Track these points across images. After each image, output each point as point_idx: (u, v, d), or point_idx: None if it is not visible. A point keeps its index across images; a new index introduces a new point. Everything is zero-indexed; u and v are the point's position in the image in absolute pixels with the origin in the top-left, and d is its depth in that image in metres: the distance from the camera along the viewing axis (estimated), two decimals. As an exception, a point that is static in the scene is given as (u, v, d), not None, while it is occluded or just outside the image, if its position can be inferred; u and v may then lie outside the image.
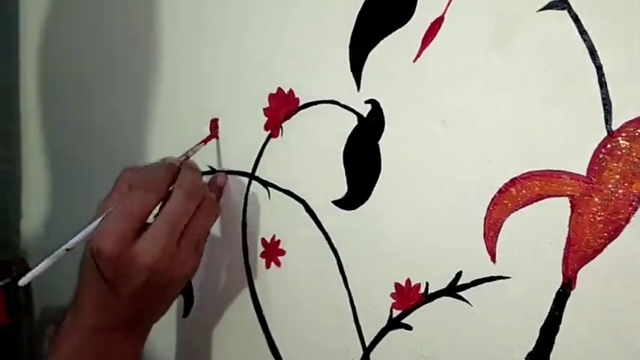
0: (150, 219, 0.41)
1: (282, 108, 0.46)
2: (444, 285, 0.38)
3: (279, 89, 0.46)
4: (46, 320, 0.70)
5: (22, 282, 0.38)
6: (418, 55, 0.38)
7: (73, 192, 0.70)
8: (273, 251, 0.48)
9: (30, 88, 0.71)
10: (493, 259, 0.36)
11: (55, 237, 0.71)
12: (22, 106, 0.72)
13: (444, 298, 0.38)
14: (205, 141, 0.49)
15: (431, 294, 0.39)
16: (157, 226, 0.40)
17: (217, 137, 0.50)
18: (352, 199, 0.42)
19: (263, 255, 0.48)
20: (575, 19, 0.32)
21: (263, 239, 0.48)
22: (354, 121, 0.42)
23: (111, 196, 0.43)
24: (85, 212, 0.66)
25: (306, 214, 0.45)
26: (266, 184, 0.48)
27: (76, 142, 0.66)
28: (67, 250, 0.40)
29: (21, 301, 0.62)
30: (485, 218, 0.36)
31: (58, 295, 0.69)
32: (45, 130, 0.71)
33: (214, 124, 0.50)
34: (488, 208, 0.36)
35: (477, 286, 0.37)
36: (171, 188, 0.42)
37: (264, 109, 0.47)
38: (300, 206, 0.45)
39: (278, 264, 0.47)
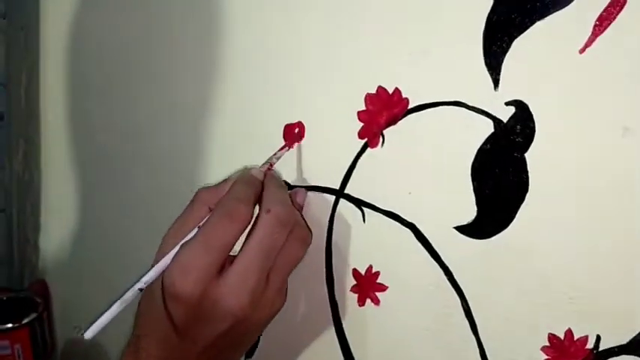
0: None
1: (383, 111, 0.37)
2: (623, 340, 0.30)
3: (380, 88, 0.37)
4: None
5: (88, 335, 0.31)
6: (588, 44, 0.30)
7: (98, 204, 0.61)
8: (369, 285, 0.39)
9: (50, 90, 0.62)
10: (702, 310, 0.27)
11: (76, 254, 0.63)
12: (42, 111, 0.63)
13: (624, 357, 0.30)
14: (289, 145, 0.40)
15: (603, 351, 0.30)
16: (246, 261, 0.33)
17: (301, 140, 0.41)
18: (485, 225, 0.34)
19: (355, 289, 0.40)
20: None
21: (355, 270, 0.40)
22: (488, 128, 0.33)
23: (185, 220, 0.36)
24: (112, 226, 0.58)
25: (417, 242, 0.37)
26: (360, 203, 0.39)
27: (103, 149, 0.58)
28: (140, 290, 0.33)
29: (47, 341, 0.53)
30: (690, 256, 0.27)
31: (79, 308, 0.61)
32: (67, 136, 0.62)
33: (298, 126, 0.41)
34: (696, 243, 0.27)
35: (677, 345, 0.28)
36: (256, 209, 0.34)
37: (359, 113, 0.38)
38: (408, 232, 0.37)
39: (376, 301, 0.39)
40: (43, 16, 0.64)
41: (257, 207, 0.35)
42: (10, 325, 0.50)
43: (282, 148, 0.40)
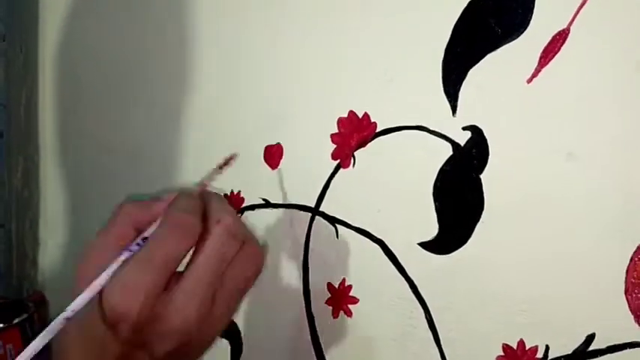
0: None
1: (354, 134, 0.40)
2: (568, 349, 0.32)
3: (351, 112, 0.39)
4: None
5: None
6: (535, 75, 0.32)
7: (95, 219, 0.63)
8: (342, 298, 0.41)
9: (49, 109, 0.65)
10: (638, 320, 0.29)
11: (74, 268, 0.65)
12: (40, 130, 0.66)
13: (570, 366, 0.32)
14: (221, 166, 0.40)
15: (552, 359, 0.32)
16: (193, 279, 0.30)
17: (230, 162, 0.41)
18: (445, 242, 0.36)
19: (329, 302, 0.42)
20: None
21: (329, 284, 0.42)
22: (447, 151, 0.36)
23: (107, 238, 0.33)
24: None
25: (385, 257, 0.39)
26: (333, 220, 0.41)
27: (97, 166, 0.60)
28: (67, 319, 0.29)
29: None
30: (627, 271, 0.30)
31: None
32: (64, 154, 0.65)
33: (275, 147, 0.43)
34: (631, 259, 0.30)
35: (616, 353, 0.30)
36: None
37: (332, 135, 0.41)
38: (377, 248, 0.39)
39: (349, 314, 0.41)
40: (41, 38, 0.66)
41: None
42: (1, 326, 0.52)
43: (214, 169, 0.39)
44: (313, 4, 0.41)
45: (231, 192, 0.47)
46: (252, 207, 0.46)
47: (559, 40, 0.31)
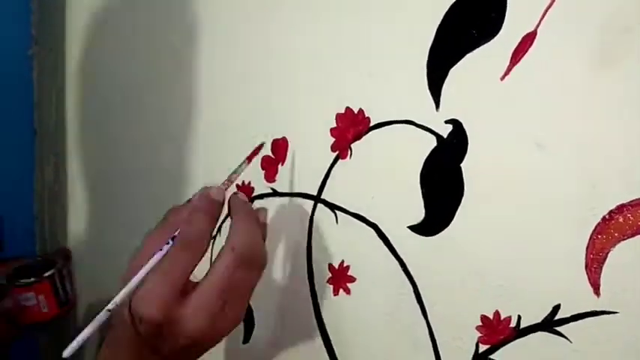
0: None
1: (350, 128, 0.44)
2: (538, 319, 0.35)
3: (348, 109, 0.44)
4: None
5: (66, 353, 0.35)
6: (507, 73, 0.36)
7: (119, 210, 0.68)
8: (341, 277, 0.45)
9: (76, 110, 0.70)
10: (597, 292, 0.33)
11: (101, 256, 0.70)
12: (68, 128, 0.71)
13: (539, 334, 0.35)
14: (250, 158, 0.46)
15: (523, 328, 0.36)
16: (206, 291, 0.37)
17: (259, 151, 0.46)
18: (431, 225, 0.40)
19: (330, 281, 0.46)
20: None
21: (330, 265, 0.46)
22: (432, 142, 0.39)
23: (157, 235, 0.41)
24: (129, 228, 0.65)
25: (379, 240, 0.43)
26: (333, 207, 0.45)
27: (120, 162, 0.65)
28: (109, 310, 0.37)
29: (68, 293, 0.61)
30: (587, 248, 0.33)
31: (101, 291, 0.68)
32: (90, 150, 0.70)
33: (282, 141, 0.48)
34: (590, 237, 0.33)
35: (578, 322, 0.34)
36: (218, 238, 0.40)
37: (331, 130, 0.45)
38: (372, 231, 0.43)
39: (347, 291, 0.45)
40: (68, 42, 0.72)
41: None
42: (33, 279, 0.58)
43: (241, 164, 0.45)
44: (314, 7, 0.45)
45: (243, 182, 0.52)
46: (262, 196, 0.51)
47: (527, 41, 0.35)
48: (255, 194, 0.51)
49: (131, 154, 0.63)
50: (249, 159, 0.46)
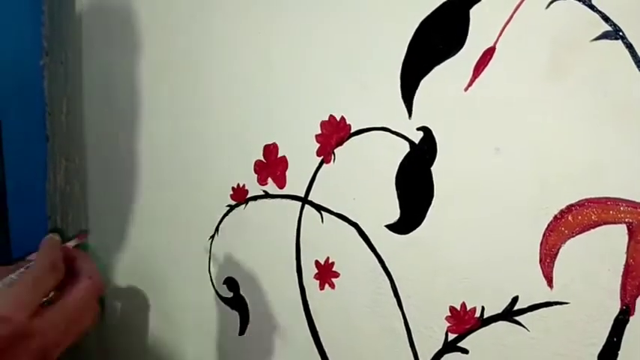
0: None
1: (333, 134, 0.47)
2: (499, 309, 0.39)
3: (331, 116, 0.47)
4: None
5: None
6: (470, 84, 0.39)
7: (134, 211, 0.72)
8: (327, 273, 0.49)
9: (92, 117, 0.74)
10: (550, 284, 0.36)
11: (115, 255, 0.74)
12: (85, 134, 0.75)
13: (500, 323, 0.39)
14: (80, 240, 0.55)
15: (486, 318, 0.39)
16: (61, 309, 0.43)
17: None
18: (405, 224, 0.43)
19: (317, 277, 0.50)
20: (630, 48, 0.32)
21: (317, 261, 0.49)
22: (405, 148, 0.43)
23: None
24: (144, 230, 0.69)
25: (359, 238, 0.46)
26: (319, 207, 0.49)
27: (136, 164, 0.69)
28: None
29: None
30: (541, 244, 0.36)
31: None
32: (105, 156, 0.74)
33: (272, 147, 0.51)
34: (544, 234, 0.36)
35: (534, 312, 0.37)
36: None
37: (316, 136, 0.48)
38: (353, 230, 0.47)
39: (332, 286, 0.49)
40: (80, 53, 0.76)
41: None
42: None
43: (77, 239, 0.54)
44: (304, 22, 0.48)
45: (238, 185, 0.55)
46: (255, 198, 0.54)
47: (487, 55, 0.38)
48: (249, 196, 0.55)
49: (147, 159, 0.66)
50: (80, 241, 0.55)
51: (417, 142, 0.42)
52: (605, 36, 0.33)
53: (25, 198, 0.80)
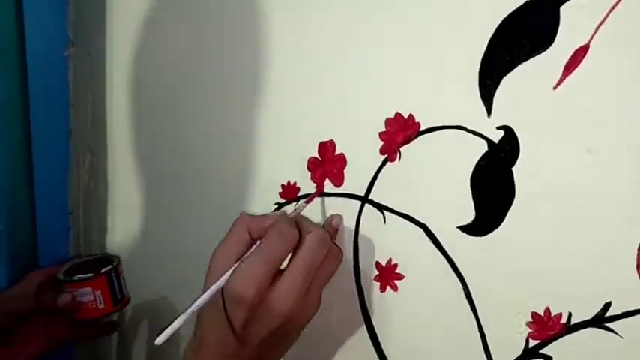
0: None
1: (400, 132, 0.46)
2: (588, 316, 0.38)
3: (398, 114, 0.46)
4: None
5: (159, 341, 0.38)
6: (559, 83, 0.38)
7: (159, 209, 0.70)
8: (389, 275, 0.48)
9: (118, 111, 0.72)
10: (647, 290, 0.35)
11: (139, 252, 0.72)
12: (108, 128, 0.73)
13: (589, 330, 0.38)
14: (308, 200, 0.50)
15: (573, 325, 0.38)
16: (293, 273, 0.41)
17: (321, 193, 0.50)
18: (482, 225, 0.42)
19: (377, 278, 0.48)
20: None
21: (377, 262, 0.48)
22: (483, 147, 0.41)
23: (229, 242, 0.45)
24: (172, 229, 0.67)
25: (427, 239, 0.45)
26: (381, 207, 0.47)
27: (166, 160, 0.67)
28: (199, 306, 0.41)
29: (123, 290, 0.63)
30: (638, 248, 0.35)
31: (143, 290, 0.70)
32: (131, 150, 0.72)
33: (330, 145, 0.50)
34: (642, 239, 0.35)
35: (629, 318, 0.36)
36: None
37: (380, 134, 0.47)
38: (420, 231, 0.45)
39: (395, 288, 0.47)
40: (109, 43, 0.73)
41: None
42: (91, 274, 0.59)
43: (306, 201, 0.50)
44: (369, 16, 0.47)
45: (288, 182, 0.54)
46: (307, 196, 0.53)
47: (580, 54, 0.37)
48: (300, 194, 0.53)
49: (175, 155, 0.64)
50: (306, 202, 0.50)
51: (496, 141, 0.41)
52: None
53: (46, 193, 0.78)
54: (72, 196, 0.80)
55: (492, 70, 0.41)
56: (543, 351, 0.39)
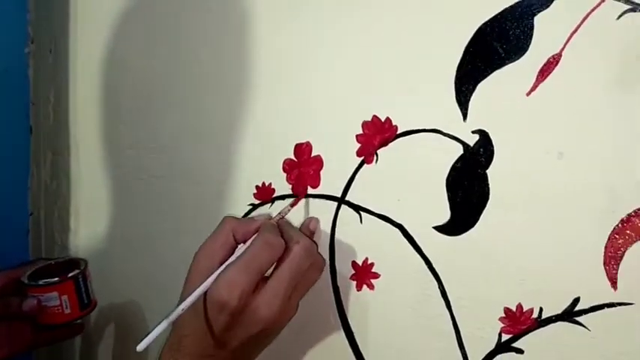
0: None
1: (377, 135, 0.47)
2: (558, 310, 0.40)
3: (375, 117, 0.47)
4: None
5: (140, 347, 0.38)
6: (533, 89, 0.40)
7: (124, 209, 0.69)
8: (365, 274, 0.49)
9: (81, 109, 0.70)
10: (614, 285, 0.37)
11: (103, 253, 0.70)
12: (71, 126, 0.71)
13: (559, 324, 0.40)
14: (293, 204, 0.50)
15: (544, 319, 0.40)
16: (278, 281, 0.42)
17: (305, 197, 0.51)
18: (457, 226, 0.44)
19: (354, 277, 0.49)
20: None
21: (354, 262, 0.49)
22: (459, 150, 0.43)
23: (214, 244, 0.45)
24: (137, 229, 0.66)
25: (403, 239, 0.46)
26: (358, 208, 0.48)
27: (134, 159, 0.66)
28: (183, 310, 0.40)
29: (90, 295, 0.61)
30: (605, 247, 0.38)
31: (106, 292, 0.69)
32: (96, 149, 0.70)
33: (306, 145, 0.50)
34: (609, 237, 0.37)
35: (596, 312, 0.38)
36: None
37: (357, 136, 0.48)
38: (397, 231, 0.46)
39: (371, 287, 0.48)
40: (72, 40, 0.71)
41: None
42: (57, 279, 0.57)
43: (291, 205, 0.50)
44: (344, 22, 0.48)
45: (263, 183, 0.54)
46: (282, 197, 0.53)
47: (553, 62, 0.39)
48: (275, 195, 0.54)
49: (143, 154, 0.63)
50: (292, 205, 0.50)
51: (471, 144, 0.42)
52: (679, 48, 0.34)
53: (5, 194, 0.75)
54: (32, 196, 0.78)
55: (468, 77, 0.42)
56: (516, 345, 0.41)
